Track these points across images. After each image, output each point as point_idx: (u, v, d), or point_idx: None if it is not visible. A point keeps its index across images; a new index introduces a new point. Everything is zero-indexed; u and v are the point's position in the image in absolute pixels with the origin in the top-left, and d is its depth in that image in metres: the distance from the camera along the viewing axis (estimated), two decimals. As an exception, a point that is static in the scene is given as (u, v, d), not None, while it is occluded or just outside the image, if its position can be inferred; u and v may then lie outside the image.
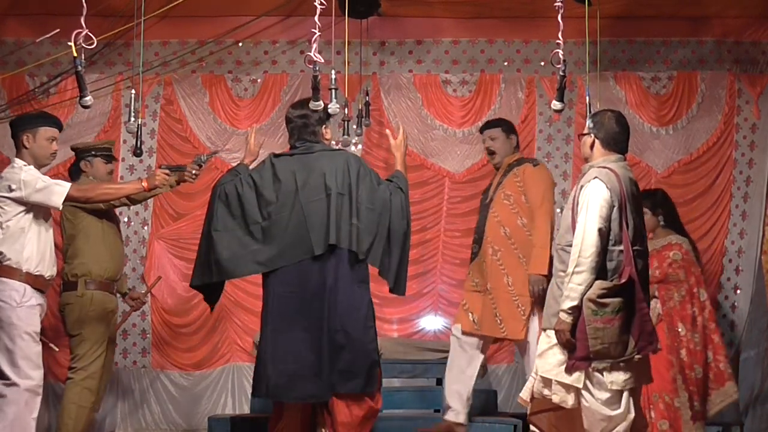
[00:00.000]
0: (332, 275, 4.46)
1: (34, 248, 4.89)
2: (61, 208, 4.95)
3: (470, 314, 5.71)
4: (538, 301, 5.56)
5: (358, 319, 4.48)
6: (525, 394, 4.58)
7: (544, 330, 4.57)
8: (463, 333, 5.76)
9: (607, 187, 4.39)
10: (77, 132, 6.90)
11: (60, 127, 5.20)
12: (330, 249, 4.45)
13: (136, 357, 6.98)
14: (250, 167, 4.77)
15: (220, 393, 6.93)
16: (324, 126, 4.68)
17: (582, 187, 4.45)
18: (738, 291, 7.12)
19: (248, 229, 4.53)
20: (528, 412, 4.64)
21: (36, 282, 4.89)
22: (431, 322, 7.07)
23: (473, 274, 5.79)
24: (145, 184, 5.06)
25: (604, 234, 4.36)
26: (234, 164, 6.92)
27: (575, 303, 4.32)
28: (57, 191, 4.86)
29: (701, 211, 7.13)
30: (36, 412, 4.85)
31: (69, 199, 4.91)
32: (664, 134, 7.14)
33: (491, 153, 5.87)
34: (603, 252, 4.36)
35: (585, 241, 4.34)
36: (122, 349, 6.97)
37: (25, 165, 4.94)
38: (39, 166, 5.02)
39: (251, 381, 6.85)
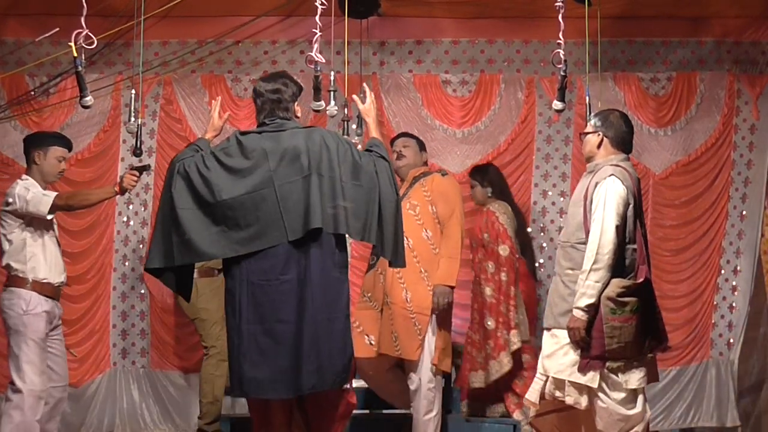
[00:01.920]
0: (316, 261, 4.15)
1: (40, 258, 5.22)
2: (48, 216, 5.20)
3: (366, 336, 5.47)
4: (441, 315, 5.47)
5: (340, 309, 4.22)
6: (533, 396, 4.51)
7: (548, 330, 4.53)
8: (363, 360, 5.45)
9: (623, 185, 4.39)
10: (77, 132, 6.89)
11: (70, 148, 5.54)
12: (311, 234, 4.13)
13: (135, 357, 6.98)
14: (212, 143, 4.46)
15: (220, 393, 6.93)
16: (296, 102, 4.39)
17: (597, 184, 4.41)
18: (736, 292, 7.12)
19: (213, 209, 4.17)
20: (532, 414, 4.60)
21: (43, 289, 5.21)
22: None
23: (366, 287, 5.55)
24: (116, 188, 5.24)
25: (620, 231, 4.34)
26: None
27: (592, 301, 4.28)
28: (44, 201, 5.16)
29: (699, 213, 7.12)
30: (39, 414, 5.14)
31: (54, 207, 5.20)
32: (663, 135, 7.13)
33: (400, 157, 5.74)
34: (619, 250, 4.34)
35: (603, 238, 4.31)
36: (121, 349, 6.97)
37: (22, 180, 5.31)
38: (47, 183, 5.36)
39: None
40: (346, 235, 4.30)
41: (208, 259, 4.33)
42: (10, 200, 5.23)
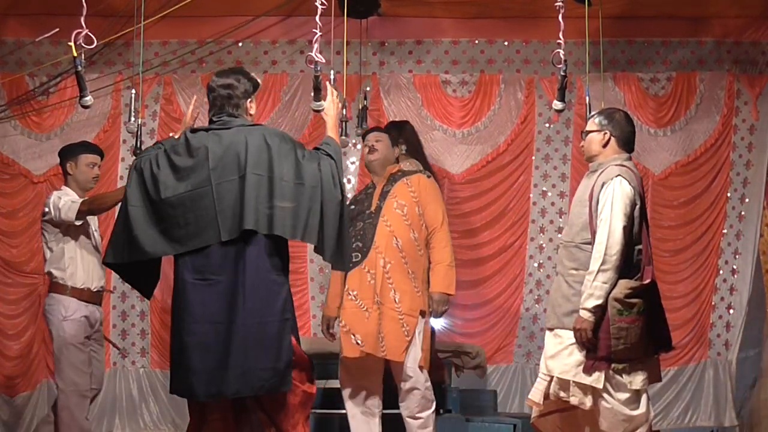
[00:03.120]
0: (251, 263, 4.04)
1: (78, 265, 5.43)
2: (77, 222, 5.37)
3: (352, 336, 5.31)
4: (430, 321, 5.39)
5: (274, 312, 4.07)
6: (536, 396, 4.44)
7: (550, 330, 4.49)
8: (348, 359, 5.35)
9: (630, 186, 4.34)
10: (77, 132, 6.90)
11: (100, 154, 5.68)
12: (247, 234, 4.03)
13: (135, 357, 6.98)
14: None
15: (219, 393, 6.92)
16: (249, 100, 4.25)
17: (604, 184, 4.36)
18: (734, 292, 7.13)
19: (157, 207, 4.11)
20: (535, 414, 4.57)
21: (82, 295, 5.42)
22: (431, 323, 7.04)
23: (349, 285, 5.38)
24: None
25: (628, 232, 4.31)
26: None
27: (600, 302, 4.23)
28: (72, 208, 5.34)
29: (698, 213, 7.14)
30: (86, 411, 5.45)
31: (80, 213, 5.36)
32: (662, 136, 7.15)
33: (372, 151, 5.53)
34: (625, 250, 4.31)
35: (611, 239, 4.27)
36: (121, 348, 6.97)
37: (57, 190, 5.58)
38: (83, 190, 5.55)
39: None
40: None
41: (151, 257, 4.22)
42: (46, 210, 5.44)
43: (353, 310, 5.34)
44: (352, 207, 5.50)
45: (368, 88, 6.81)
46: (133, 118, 5.32)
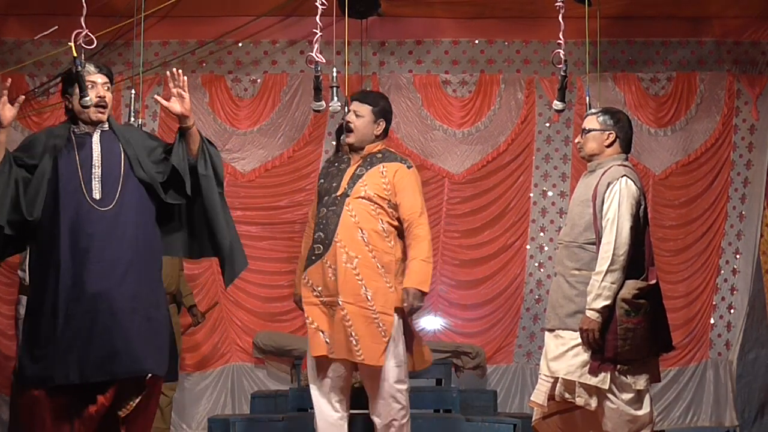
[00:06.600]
0: None
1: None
2: None
3: (321, 333, 4.73)
4: (409, 319, 4.82)
5: None
6: (539, 398, 4.39)
7: (551, 331, 4.47)
8: (317, 358, 4.75)
9: (636, 186, 4.33)
10: (77, 132, 6.89)
11: None
12: None
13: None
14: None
15: (220, 393, 6.92)
16: None
17: (609, 184, 4.32)
18: (735, 292, 7.13)
19: None
20: (537, 416, 4.54)
21: None
22: (431, 323, 7.07)
23: (313, 280, 4.77)
24: None
25: (634, 232, 4.29)
26: (234, 164, 7.01)
27: (609, 302, 4.21)
28: None
29: (699, 213, 7.14)
30: None
31: None
32: (662, 136, 7.15)
33: (348, 130, 4.76)
34: (631, 250, 4.28)
35: (619, 239, 4.24)
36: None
37: None
38: None
39: (251, 381, 6.96)
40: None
41: None
42: None
43: (319, 307, 4.80)
44: (321, 181, 4.93)
45: (368, 89, 6.81)
46: (133, 118, 5.32)
